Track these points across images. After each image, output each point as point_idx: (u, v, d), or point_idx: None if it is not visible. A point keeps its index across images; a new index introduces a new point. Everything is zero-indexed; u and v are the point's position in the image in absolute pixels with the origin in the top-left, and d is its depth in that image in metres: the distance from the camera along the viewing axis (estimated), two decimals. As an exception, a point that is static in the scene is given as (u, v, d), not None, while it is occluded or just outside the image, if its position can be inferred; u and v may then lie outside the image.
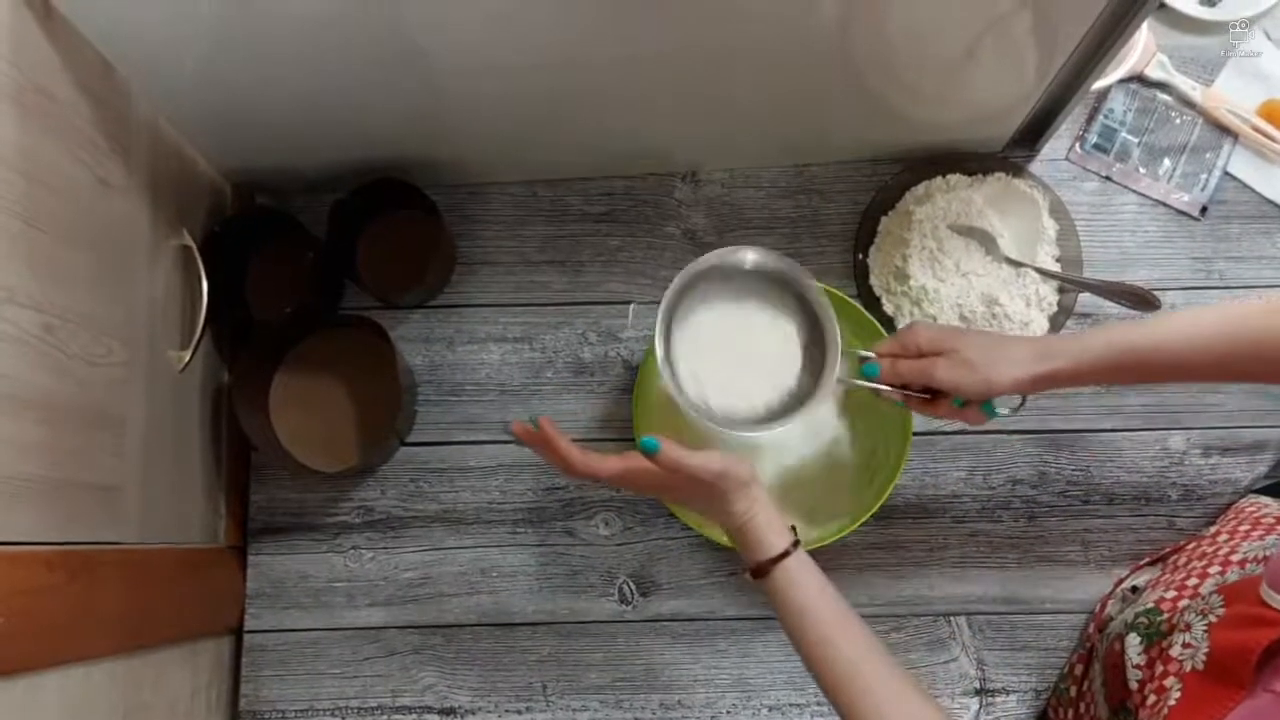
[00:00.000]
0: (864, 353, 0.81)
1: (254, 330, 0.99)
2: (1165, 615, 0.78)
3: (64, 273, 0.74)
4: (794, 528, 0.75)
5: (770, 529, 0.73)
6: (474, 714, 0.98)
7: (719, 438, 0.81)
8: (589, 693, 0.99)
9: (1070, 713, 0.91)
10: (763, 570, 0.73)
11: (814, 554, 0.97)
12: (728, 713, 0.98)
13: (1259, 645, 0.60)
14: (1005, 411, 0.81)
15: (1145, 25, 1.00)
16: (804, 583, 0.72)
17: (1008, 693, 0.97)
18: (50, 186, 0.72)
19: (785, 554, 0.72)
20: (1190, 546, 0.92)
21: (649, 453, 0.70)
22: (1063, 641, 0.97)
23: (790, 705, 0.98)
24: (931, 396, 0.79)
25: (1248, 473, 0.99)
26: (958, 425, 0.89)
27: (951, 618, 0.98)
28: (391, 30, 0.76)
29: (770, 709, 0.98)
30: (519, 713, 0.98)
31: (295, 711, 0.99)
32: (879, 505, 0.91)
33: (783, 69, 0.85)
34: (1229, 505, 0.98)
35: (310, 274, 0.99)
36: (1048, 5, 0.77)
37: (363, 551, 1.01)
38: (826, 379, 0.75)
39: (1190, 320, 0.75)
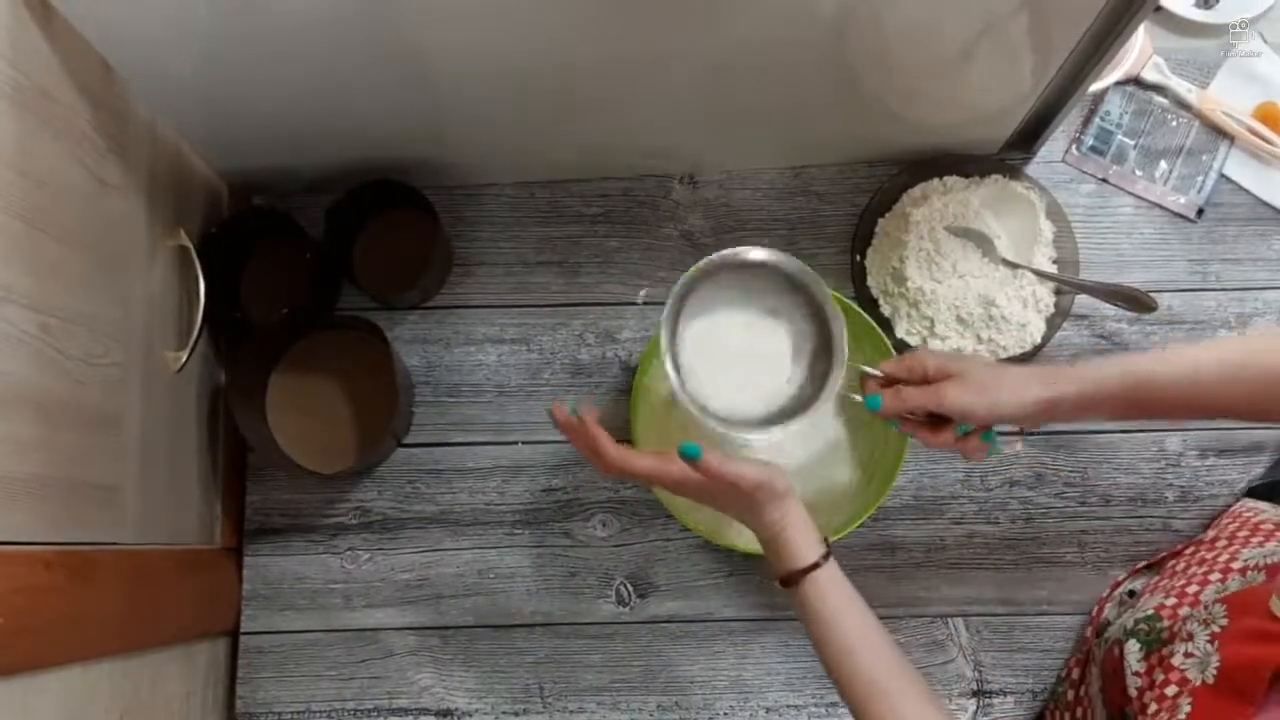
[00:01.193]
0: (869, 369, 0.81)
1: (251, 331, 0.99)
2: (1166, 623, 0.77)
3: (61, 272, 0.74)
4: (827, 540, 0.75)
5: (801, 540, 0.74)
6: (471, 716, 0.98)
7: (717, 438, 0.81)
8: (586, 694, 0.98)
9: (1067, 716, 0.91)
10: (791, 580, 0.73)
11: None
12: (725, 714, 0.98)
13: (1273, 661, 0.60)
14: (1007, 450, 0.81)
15: (1142, 28, 1.00)
16: (831, 595, 0.72)
17: (1005, 694, 0.97)
18: (48, 186, 0.72)
19: (814, 566, 0.73)
20: (1189, 552, 0.91)
21: (690, 458, 0.71)
22: (1059, 643, 0.98)
23: (787, 706, 0.98)
24: (935, 423, 0.78)
25: (1244, 474, 0.99)
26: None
27: (949, 619, 0.99)
28: (389, 32, 0.76)
29: (767, 710, 0.98)
30: (516, 714, 0.98)
31: (291, 713, 0.98)
32: (876, 507, 0.92)
33: (780, 71, 0.86)
34: (1225, 508, 0.98)
35: (307, 275, 0.99)
36: (1044, 8, 0.77)
37: (359, 553, 1.01)
38: (828, 391, 0.75)
39: (1214, 354, 0.73)
